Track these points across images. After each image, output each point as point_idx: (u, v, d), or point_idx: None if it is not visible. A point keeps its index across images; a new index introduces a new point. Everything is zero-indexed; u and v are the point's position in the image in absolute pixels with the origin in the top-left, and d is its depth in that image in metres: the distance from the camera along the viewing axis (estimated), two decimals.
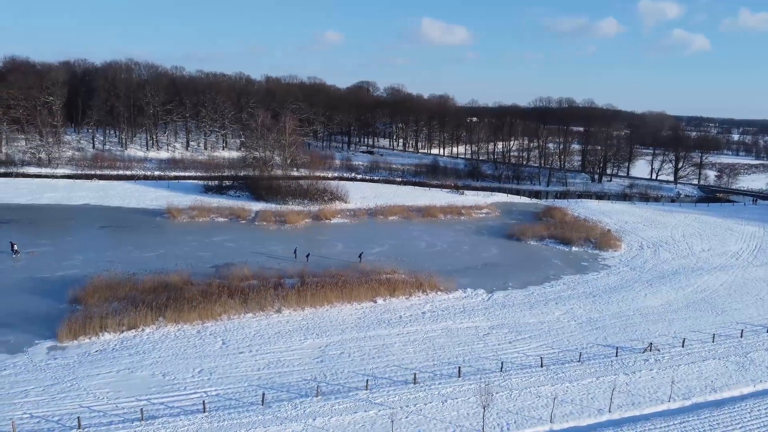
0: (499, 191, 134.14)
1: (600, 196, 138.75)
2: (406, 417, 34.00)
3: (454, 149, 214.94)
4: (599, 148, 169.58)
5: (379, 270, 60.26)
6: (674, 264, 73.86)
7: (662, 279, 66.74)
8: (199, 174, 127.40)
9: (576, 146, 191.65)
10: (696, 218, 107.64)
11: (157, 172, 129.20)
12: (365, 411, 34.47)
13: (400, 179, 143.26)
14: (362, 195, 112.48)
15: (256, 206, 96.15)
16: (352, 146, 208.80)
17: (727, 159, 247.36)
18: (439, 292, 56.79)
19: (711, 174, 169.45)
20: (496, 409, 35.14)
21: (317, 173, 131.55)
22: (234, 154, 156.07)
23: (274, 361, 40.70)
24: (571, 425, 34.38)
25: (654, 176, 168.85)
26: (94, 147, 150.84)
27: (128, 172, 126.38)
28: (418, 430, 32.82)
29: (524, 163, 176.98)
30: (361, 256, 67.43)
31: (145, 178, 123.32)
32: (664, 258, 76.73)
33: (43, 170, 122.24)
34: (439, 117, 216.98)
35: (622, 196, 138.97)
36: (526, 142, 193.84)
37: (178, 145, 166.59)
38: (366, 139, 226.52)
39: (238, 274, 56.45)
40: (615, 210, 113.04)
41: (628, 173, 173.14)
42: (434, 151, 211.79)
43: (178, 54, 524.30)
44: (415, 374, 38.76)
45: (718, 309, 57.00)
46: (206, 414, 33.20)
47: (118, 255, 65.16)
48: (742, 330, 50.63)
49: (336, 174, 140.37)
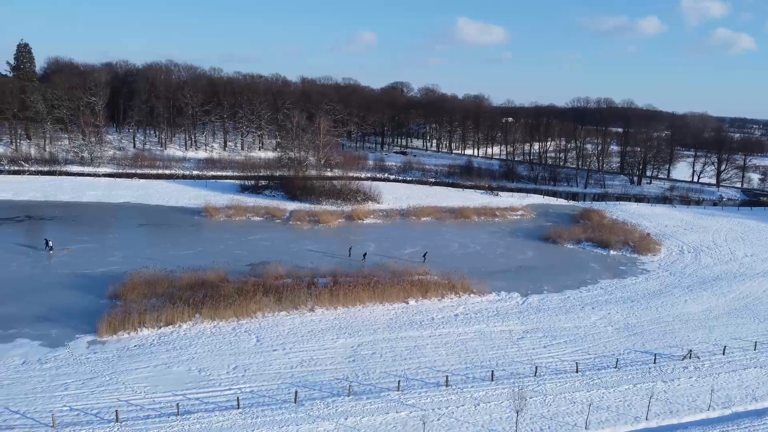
0: (534, 193, 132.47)
1: (639, 198, 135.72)
2: (438, 420, 33.85)
3: (489, 150, 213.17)
4: (638, 149, 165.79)
5: (410, 271, 60.19)
6: (716, 269, 71.68)
7: (703, 284, 64.85)
8: (235, 174, 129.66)
9: (614, 147, 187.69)
10: (739, 222, 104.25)
11: (195, 172, 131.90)
12: (397, 412, 34.46)
13: (433, 180, 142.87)
14: (395, 195, 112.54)
15: (291, 206, 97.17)
16: (386, 147, 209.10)
17: None
18: (472, 295, 56.36)
19: (755, 177, 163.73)
20: (530, 414, 34.69)
21: (350, 173, 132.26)
22: (270, 154, 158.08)
23: (306, 360, 41.06)
24: None
25: (695, 179, 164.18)
26: (134, 146, 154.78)
27: (167, 172, 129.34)
28: None
29: (561, 164, 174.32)
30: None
31: (184, 177, 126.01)
32: (705, 263, 74.53)
33: (86, 169, 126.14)
34: (473, 117, 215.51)
35: (662, 199, 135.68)
36: (563, 142, 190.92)
37: (215, 146, 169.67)
38: (399, 140, 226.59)
39: (272, 272, 57.15)
40: (654, 213, 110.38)
41: (668, 176, 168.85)
42: (468, 151, 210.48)
43: (217, 56, 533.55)
44: (447, 377, 38.57)
45: (760, 316, 55.08)
46: (240, 410, 33.69)
47: (156, 252, 66.69)
48: None
49: (369, 174, 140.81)
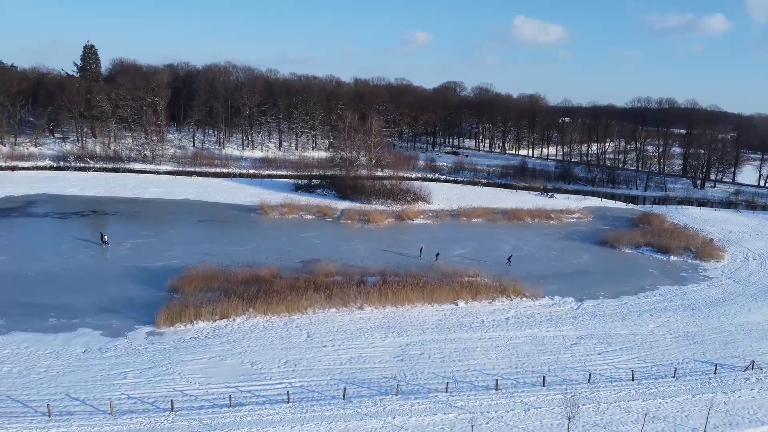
0: (592, 195, 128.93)
1: (702, 202, 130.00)
2: (487, 423, 33.39)
3: (544, 150, 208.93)
4: (702, 151, 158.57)
5: (460, 272, 59.65)
6: None
7: None
8: (289, 173, 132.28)
9: (677, 149, 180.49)
10: None
11: (251, 171, 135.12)
12: (444, 413, 34.20)
13: (485, 181, 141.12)
14: (445, 196, 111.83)
15: (342, 205, 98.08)
16: (437, 147, 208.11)
17: None
18: (524, 298, 55.33)
19: None
20: (582, 422, 33.75)
21: (401, 174, 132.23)
22: (322, 154, 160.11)
23: (355, 357, 41.31)
24: None
25: (763, 183, 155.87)
26: (194, 145, 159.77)
27: (225, 170, 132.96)
28: None
29: (620, 166, 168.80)
30: (438, 255, 67.92)
31: (241, 176, 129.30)
32: None
33: (148, 166, 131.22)
34: (528, 117, 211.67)
35: (727, 204, 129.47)
36: (622, 143, 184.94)
37: (271, 145, 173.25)
38: (451, 140, 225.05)
39: (323, 269, 57.83)
40: (718, 218, 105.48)
41: (733, 179, 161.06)
42: (522, 152, 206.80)
43: (274, 57, 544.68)
44: (497, 380, 38.00)
45: None
46: (290, 404, 34.21)
47: (213, 248, 68.64)
48: None
49: (419, 174, 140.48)
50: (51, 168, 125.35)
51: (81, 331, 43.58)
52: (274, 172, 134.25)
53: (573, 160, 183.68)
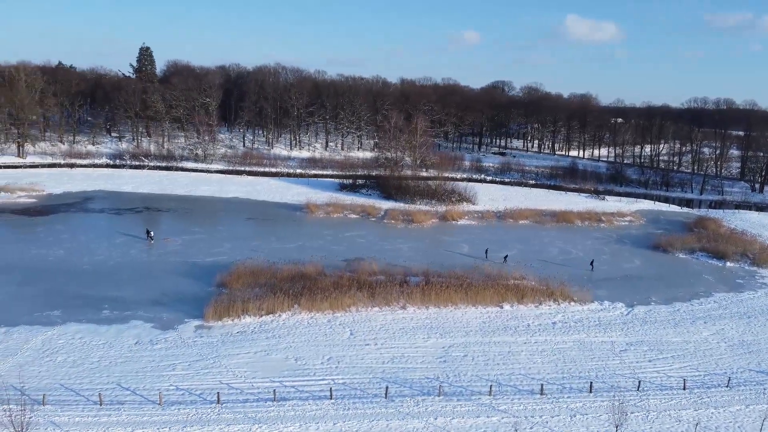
0: (644, 198, 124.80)
1: (761, 207, 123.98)
2: (531, 428, 32.78)
3: (595, 152, 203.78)
4: (761, 154, 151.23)
5: (506, 275, 58.82)
6: None
7: None
8: (335, 173, 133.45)
9: (735, 152, 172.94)
10: None
11: (298, 170, 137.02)
12: (488, 416, 33.76)
13: (533, 182, 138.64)
14: (491, 197, 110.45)
15: (386, 205, 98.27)
16: (484, 147, 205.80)
17: None
18: (572, 303, 54.06)
19: None
20: (630, 430, 32.71)
21: (446, 174, 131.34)
22: (368, 154, 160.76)
23: (398, 356, 41.27)
24: None
25: None
26: (244, 145, 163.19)
27: (273, 170, 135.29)
28: None
29: (675, 168, 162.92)
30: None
31: (288, 175, 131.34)
32: None
33: (199, 165, 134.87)
34: (579, 117, 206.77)
35: None
36: (677, 145, 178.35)
37: (317, 146, 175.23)
38: (498, 140, 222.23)
39: (366, 268, 58.09)
40: None
41: None
42: (572, 153, 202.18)
43: (323, 59, 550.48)
44: (542, 385, 37.25)
45: None
46: (333, 401, 34.47)
47: (261, 245, 69.93)
48: None
49: (465, 175, 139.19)
50: (107, 166, 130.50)
51: (133, 323, 45.14)
52: (320, 172, 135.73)
53: (625, 161, 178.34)
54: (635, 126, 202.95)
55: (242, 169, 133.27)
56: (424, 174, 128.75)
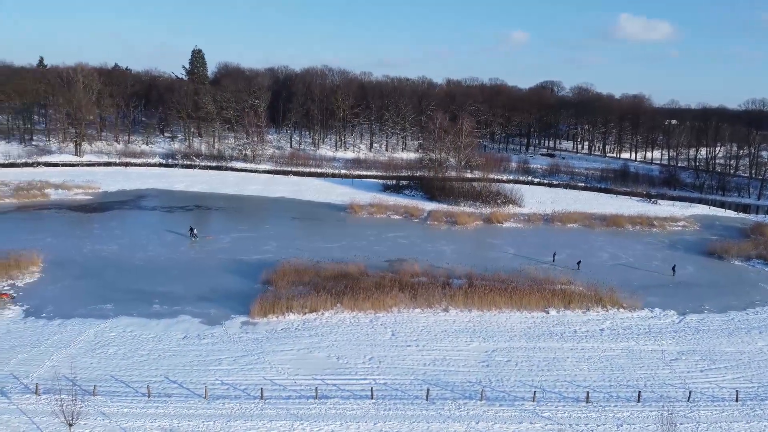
0: (699, 203, 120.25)
1: None
2: None
3: (648, 154, 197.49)
4: None
5: (552, 279, 57.62)
6: None
7: None
8: (379, 173, 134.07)
9: None
10: None
11: (343, 171, 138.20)
12: (530, 423, 33.11)
13: (582, 185, 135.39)
14: (538, 200, 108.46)
15: (429, 206, 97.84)
16: (531, 148, 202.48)
17: None
18: (621, 309, 52.46)
19: None
20: None
21: (491, 175, 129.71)
22: (412, 155, 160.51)
23: (440, 359, 40.98)
24: None
25: None
26: (291, 146, 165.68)
27: (319, 170, 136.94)
28: None
29: (731, 172, 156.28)
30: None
31: (333, 176, 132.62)
32: None
33: (248, 165, 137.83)
34: (631, 118, 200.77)
35: None
36: (734, 148, 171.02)
37: (362, 146, 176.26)
38: (546, 141, 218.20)
39: (408, 269, 57.98)
40: None
41: None
42: (624, 155, 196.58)
43: (369, 60, 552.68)
44: (588, 393, 36.26)
45: None
46: (373, 401, 34.49)
47: (305, 244, 70.78)
48: None
49: (511, 177, 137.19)
50: (160, 165, 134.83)
51: (181, 318, 46.36)
52: (364, 173, 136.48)
53: (679, 164, 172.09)
54: (690, 128, 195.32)
55: (289, 169, 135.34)
56: (468, 175, 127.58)
